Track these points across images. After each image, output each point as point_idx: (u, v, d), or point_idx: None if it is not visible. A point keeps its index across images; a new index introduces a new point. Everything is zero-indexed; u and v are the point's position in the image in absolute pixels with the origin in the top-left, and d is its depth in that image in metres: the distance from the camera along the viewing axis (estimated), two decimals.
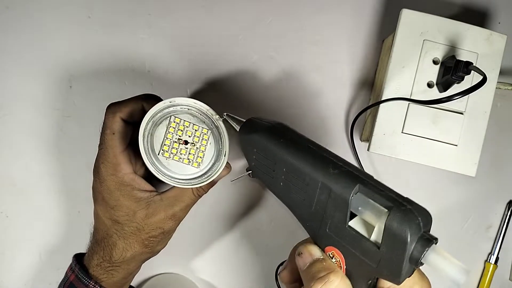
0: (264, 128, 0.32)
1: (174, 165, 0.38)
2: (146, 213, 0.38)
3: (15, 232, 0.50)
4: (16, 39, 0.50)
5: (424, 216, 0.25)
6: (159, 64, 0.50)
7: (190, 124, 0.38)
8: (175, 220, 0.39)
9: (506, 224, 0.52)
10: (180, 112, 0.38)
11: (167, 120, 0.38)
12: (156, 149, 0.38)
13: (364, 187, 0.26)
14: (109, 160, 0.38)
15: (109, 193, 0.38)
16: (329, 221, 0.28)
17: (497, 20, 0.52)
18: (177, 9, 0.50)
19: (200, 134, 0.39)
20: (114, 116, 0.38)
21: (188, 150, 0.38)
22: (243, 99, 0.51)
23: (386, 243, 0.25)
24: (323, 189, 0.28)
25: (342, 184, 0.27)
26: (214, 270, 0.52)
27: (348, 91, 0.51)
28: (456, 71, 0.39)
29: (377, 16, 0.51)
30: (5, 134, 0.50)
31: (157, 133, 0.38)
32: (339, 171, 0.27)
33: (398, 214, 0.24)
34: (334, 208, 0.27)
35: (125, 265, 0.39)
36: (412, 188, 0.52)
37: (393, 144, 0.43)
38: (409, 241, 0.24)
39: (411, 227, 0.24)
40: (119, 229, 0.38)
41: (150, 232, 0.38)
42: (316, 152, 0.29)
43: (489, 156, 0.51)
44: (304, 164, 0.29)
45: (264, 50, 0.51)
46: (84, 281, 0.38)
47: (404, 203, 0.25)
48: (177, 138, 0.38)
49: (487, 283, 0.52)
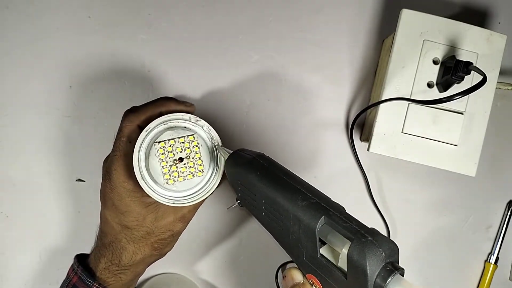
0: (245, 162, 0.33)
1: (182, 185, 0.38)
2: (156, 217, 0.38)
3: (15, 232, 0.50)
4: (16, 39, 0.50)
5: (387, 247, 0.25)
6: (159, 64, 0.50)
7: (174, 140, 0.38)
8: (184, 222, 0.40)
9: (506, 224, 0.52)
10: (160, 133, 0.37)
11: (153, 150, 0.37)
12: (160, 182, 0.37)
13: (329, 218, 0.27)
14: (123, 167, 0.37)
15: (119, 199, 0.38)
16: (304, 250, 0.29)
17: (497, 20, 0.52)
18: (177, 9, 0.50)
19: (189, 144, 0.38)
20: (132, 124, 0.37)
21: (186, 165, 0.38)
22: (243, 99, 0.51)
23: (350, 274, 0.25)
24: (295, 220, 0.29)
25: (309, 215, 0.28)
26: (214, 270, 0.52)
27: (348, 91, 0.51)
28: (456, 71, 0.39)
29: (377, 16, 0.51)
30: (5, 134, 0.50)
31: (152, 165, 0.37)
32: (308, 202, 0.28)
33: (358, 246, 0.24)
34: (306, 238, 0.28)
35: (133, 268, 0.39)
36: (412, 188, 0.52)
37: (393, 144, 0.43)
38: (369, 273, 0.24)
39: (370, 258, 0.24)
40: (129, 233, 0.38)
41: (160, 235, 0.39)
42: (288, 183, 0.30)
43: (489, 156, 0.51)
44: (276, 196, 0.30)
45: (264, 50, 0.51)
46: (88, 283, 0.38)
47: (366, 235, 0.25)
48: (171, 160, 0.38)
49: (487, 283, 0.52)
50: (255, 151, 0.34)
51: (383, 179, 0.51)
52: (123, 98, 0.50)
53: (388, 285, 0.24)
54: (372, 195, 0.51)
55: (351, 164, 0.51)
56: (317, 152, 0.51)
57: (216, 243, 0.52)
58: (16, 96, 0.50)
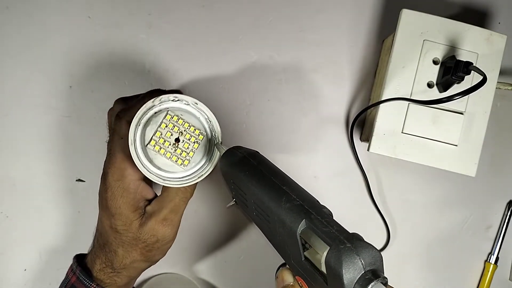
0: (236, 160, 0.33)
1: (160, 161, 0.37)
2: (140, 222, 0.38)
3: (15, 232, 0.50)
4: (16, 39, 0.50)
5: (368, 255, 0.23)
6: (159, 64, 0.50)
7: (185, 123, 0.37)
8: (166, 225, 0.38)
9: (506, 224, 0.52)
10: (177, 110, 0.37)
11: (162, 114, 0.36)
12: (146, 140, 0.36)
13: (310, 222, 0.26)
14: (116, 165, 0.37)
15: (112, 200, 0.37)
16: (291, 253, 0.29)
17: (497, 20, 0.52)
18: (177, 9, 0.50)
19: (193, 134, 0.37)
20: (121, 120, 0.37)
21: (177, 148, 0.37)
22: (243, 99, 0.51)
23: (329, 280, 0.25)
24: (279, 222, 0.28)
25: (291, 218, 0.27)
26: (214, 270, 0.52)
27: (348, 91, 0.51)
28: (456, 71, 0.39)
29: (377, 16, 0.51)
30: (5, 134, 0.50)
31: (151, 126, 0.36)
32: (291, 204, 0.28)
33: (335, 252, 0.24)
34: (290, 241, 0.28)
35: (126, 272, 0.39)
36: (412, 188, 0.52)
37: (393, 144, 0.43)
38: (345, 281, 0.23)
39: (347, 265, 0.23)
40: (118, 237, 0.38)
41: (145, 240, 0.38)
42: (275, 184, 0.29)
43: (489, 156, 0.51)
44: (263, 196, 0.29)
45: (264, 50, 0.51)
46: (86, 283, 0.38)
47: (345, 241, 0.24)
48: (169, 134, 0.37)
49: (487, 283, 0.52)
50: (248, 149, 0.34)
51: (383, 179, 0.51)
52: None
53: None
54: (372, 195, 0.51)
55: (351, 164, 0.51)
56: (317, 152, 0.51)
57: (216, 243, 0.52)
58: (16, 96, 0.50)
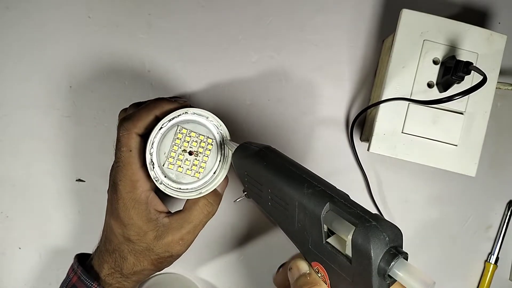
0: (252, 153, 0.34)
1: (176, 175, 0.38)
2: (155, 235, 0.38)
3: (15, 232, 0.50)
4: (16, 39, 0.50)
5: (391, 232, 0.25)
6: (159, 64, 0.50)
7: (196, 134, 0.38)
8: (182, 245, 0.39)
9: (506, 224, 0.52)
10: (187, 122, 0.38)
11: (174, 130, 0.38)
12: (161, 160, 0.38)
13: (333, 205, 0.28)
14: (128, 177, 0.37)
15: (124, 211, 0.38)
16: (310, 238, 0.30)
17: (497, 20, 0.52)
18: (177, 9, 0.50)
19: (205, 144, 0.39)
20: (130, 133, 0.37)
21: (191, 161, 0.38)
22: (243, 99, 0.51)
23: (355, 258, 0.26)
24: (300, 208, 0.29)
25: (314, 202, 0.28)
26: (214, 270, 0.52)
27: (348, 91, 0.51)
28: (456, 71, 0.39)
29: (377, 16, 0.51)
30: (5, 134, 0.50)
31: (164, 143, 0.38)
32: (313, 190, 0.29)
33: (362, 230, 0.25)
34: (311, 225, 0.29)
35: (134, 277, 0.40)
36: (412, 188, 0.52)
37: (393, 144, 0.43)
38: (372, 256, 0.24)
39: (374, 242, 0.24)
40: (131, 245, 0.38)
41: (159, 254, 0.39)
42: (294, 173, 0.31)
43: (489, 156, 0.52)
44: (282, 185, 0.31)
45: (264, 50, 0.51)
46: (87, 283, 0.38)
47: (370, 220, 0.25)
48: (182, 149, 0.38)
49: (487, 283, 0.52)
50: (261, 143, 0.36)
51: (383, 179, 0.51)
52: (123, 98, 0.50)
53: (391, 269, 0.24)
54: (372, 194, 0.51)
55: (351, 164, 0.51)
56: (317, 151, 0.51)
57: (216, 243, 0.52)
58: (16, 96, 0.50)
